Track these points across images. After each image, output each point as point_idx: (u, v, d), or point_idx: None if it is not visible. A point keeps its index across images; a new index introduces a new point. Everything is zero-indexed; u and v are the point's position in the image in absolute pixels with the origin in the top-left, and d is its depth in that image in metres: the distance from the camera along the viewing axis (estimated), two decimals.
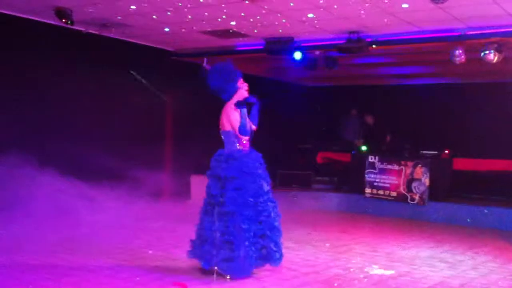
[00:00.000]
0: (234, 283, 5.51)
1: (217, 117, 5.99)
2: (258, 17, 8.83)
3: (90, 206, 8.58)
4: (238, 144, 5.84)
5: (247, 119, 5.76)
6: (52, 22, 9.22)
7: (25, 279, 5.31)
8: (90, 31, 9.85)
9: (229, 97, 5.86)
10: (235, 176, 5.66)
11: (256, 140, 6.10)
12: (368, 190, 11.41)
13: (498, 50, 8.77)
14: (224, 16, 8.85)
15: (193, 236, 5.92)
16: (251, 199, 5.65)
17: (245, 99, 5.77)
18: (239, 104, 5.72)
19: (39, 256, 6.29)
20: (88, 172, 8.73)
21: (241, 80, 5.90)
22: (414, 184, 10.81)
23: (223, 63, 5.87)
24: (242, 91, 5.88)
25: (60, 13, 8.71)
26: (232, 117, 5.74)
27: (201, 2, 8.11)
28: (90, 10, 8.73)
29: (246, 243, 5.56)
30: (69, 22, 8.82)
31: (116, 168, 9.10)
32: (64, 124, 9.53)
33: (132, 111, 10.73)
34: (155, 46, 11.41)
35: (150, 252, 6.80)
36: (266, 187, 5.81)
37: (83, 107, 9.81)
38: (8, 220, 7.75)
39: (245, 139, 5.85)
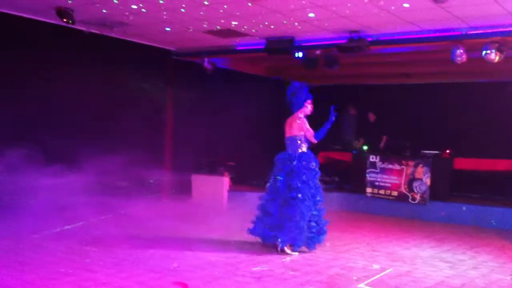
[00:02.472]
0: (236, 282, 5.52)
1: (217, 117, 6.10)
2: (259, 17, 8.82)
3: (90, 204, 8.61)
4: (299, 149, 7.38)
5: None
6: (54, 22, 9.23)
7: (25, 279, 5.31)
8: (92, 30, 9.86)
9: (296, 111, 7.42)
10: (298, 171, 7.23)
11: (259, 139, 6.63)
12: (369, 190, 11.41)
13: (499, 50, 8.74)
14: (225, 16, 8.85)
15: (194, 235, 6.12)
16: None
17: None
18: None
19: (37, 255, 6.30)
20: (87, 170, 8.75)
21: (310, 101, 7.46)
22: (415, 184, 10.80)
23: (301, 85, 7.46)
24: (306, 109, 7.47)
25: (61, 12, 8.71)
26: (305, 126, 7.38)
27: (202, 1, 8.11)
28: (91, 9, 8.73)
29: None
30: (70, 21, 8.83)
31: (115, 167, 9.11)
32: (65, 123, 9.52)
33: (133, 110, 10.71)
34: (156, 45, 11.41)
35: (151, 251, 6.80)
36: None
37: (84, 106, 9.80)
38: (6, 217, 7.79)
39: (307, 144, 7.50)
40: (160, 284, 5.32)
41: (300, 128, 7.35)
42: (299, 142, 7.37)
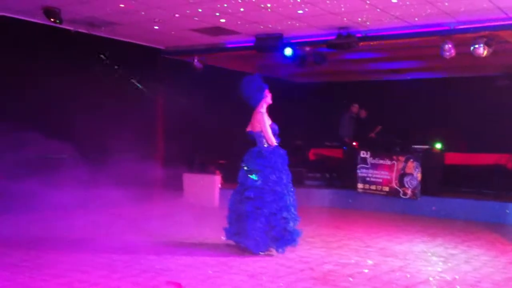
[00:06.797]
0: (230, 280, 5.51)
1: (207, 115, 6.14)
2: (248, 14, 8.81)
3: (83, 205, 8.55)
4: (265, 143, 7.02)
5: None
6: (41, 22, 9.16)
7: (18, 281, 5.27)
8: (79, 30, 9.79)
9: (256, 104, 7.01)
10: (259, 170, 6.85)
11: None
12: (360, 186, 11.43)
13: (487, 44, 8.79)
14: (214, 13, 8.82)
15: (187, 235, 6.08)
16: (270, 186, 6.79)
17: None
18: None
19: (28, 256, 6.25)
20: (81, 167, 8.71)
21: (267, 90, 7.03)
22: (406, 179, 10.84)
23: (253, 76, 7.08)
24: (267, 99, 7.05)
25: (49, 12, 8.65)
26: (263, 121, 6.93)
27: None
28: (78, 9, 8.68)
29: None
30: (57, 21, 8.77)
31: (106, 166, 9.06)
32: (54, 122, 9.43)
33: (123, 110, 10.66)
34: (145, 44, 11.37)
35: (144, 251, 6.77)
36: (285, 179, 6.90)
37: (73, 107, 9.73)
38: None
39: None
40: (154, 284, 5.29)
41: (259, 123, 6.95)
42: (263, 137, 7.01)
